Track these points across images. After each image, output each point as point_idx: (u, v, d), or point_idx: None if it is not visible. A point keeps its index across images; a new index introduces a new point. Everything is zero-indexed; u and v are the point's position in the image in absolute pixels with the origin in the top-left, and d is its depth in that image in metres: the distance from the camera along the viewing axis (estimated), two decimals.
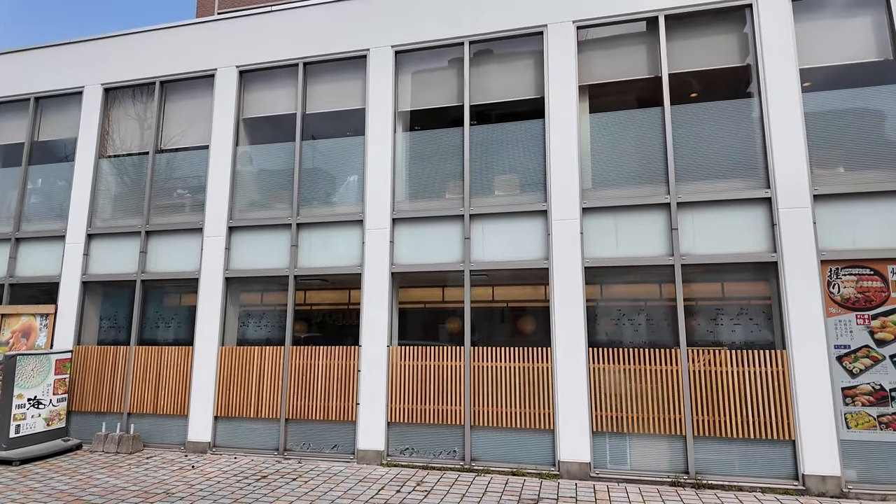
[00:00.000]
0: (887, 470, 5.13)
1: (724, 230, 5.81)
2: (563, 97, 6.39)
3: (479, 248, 6.48)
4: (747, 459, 5.45)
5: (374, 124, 6.93)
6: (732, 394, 5.53)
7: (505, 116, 6.86)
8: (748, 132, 5.94)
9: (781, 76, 5.82)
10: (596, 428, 5.82)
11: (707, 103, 6.19)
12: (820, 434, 5.23)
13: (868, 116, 5.70)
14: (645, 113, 6.30)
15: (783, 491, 5.22)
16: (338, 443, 6.55)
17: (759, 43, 5.93)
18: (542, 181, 6.40)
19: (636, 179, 6.20)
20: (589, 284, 6.14)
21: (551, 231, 6.21)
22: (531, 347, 6.12)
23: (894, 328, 5.28)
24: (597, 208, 6.20)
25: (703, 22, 6.26)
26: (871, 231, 5.44)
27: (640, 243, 6.05)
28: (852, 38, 5.85)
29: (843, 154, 5.69)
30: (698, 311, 5.87)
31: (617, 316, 6.12)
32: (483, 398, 6.15)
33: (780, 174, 5.67)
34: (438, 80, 7.09)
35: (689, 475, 5.49)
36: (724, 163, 5.97)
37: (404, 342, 6.64)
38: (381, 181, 6.79)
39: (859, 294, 5.39)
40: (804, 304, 5.43)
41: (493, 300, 6.76)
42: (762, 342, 5.63)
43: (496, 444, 6.10)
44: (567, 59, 6.42)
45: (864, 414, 5.22)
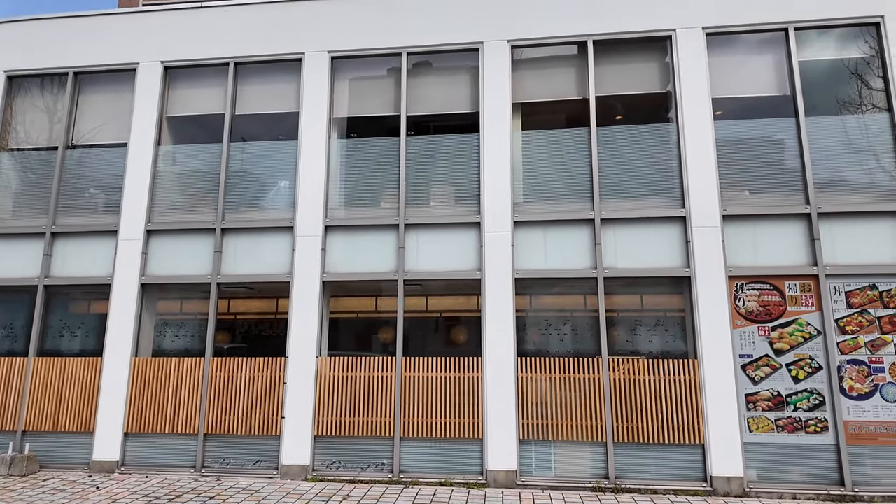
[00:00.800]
0: (782, 469, 5.59)
1: (644, 246, 6.16)
2: (497, 113, 6.55)
3: (413, 257, 6.48)
4: (662, 463, 5.76)
5: (308, 129, 6.79)
6: (649, 401, 5.84)
7: (442, 129, 6.93)
8: (666, 155, 6.35)
9: (696, 104, 6.27)
10: (523, 436, 5.94)
11: (630, 126, 6.56)
12: (726, 438, 5.62)
13: (769, 145, 6.26)
14: (573, 132, 6.58)
15: (693, 492, 5.55)
16: (261, 458, 6.28)
17: (678, 72, 6.37)
18: (477, 194, 6.52)
19: (564, 195, 6.45)
20: (519, 295, 6.29)
21: (484, 243, 6.32)
22: (462, 357, 6.17)
23: (790, 339, 5.79)
24: (527, 222, 6.39)
25: (628, 49, 6.65)
26: (771, 250, 5.96)
27: (567, 256, 6.28)
28: (758, 74, 6.42)
29: (749, 178, 6.21)
30: (619, 322, 6.16)
31: (544, 326, 6.30)
32: (413, 409, 6.12)
33: (693, 195, 6.09)
34: (376, 88, 7.07)
35: (609, 480, 5.72)
36: (644, 182, 6.34)
37: (334, 353, 6.49)
38: (314, 187, 6.65)
39: (761, 307, 5.87)
40: (713, 316, 5.84)
41: (426, 310, 6.77)
42: (676, 352, 5.99)
43: (425, 454, 6.08)
44: (502, 77, 6.61)
45: (763, 418, 5.67)
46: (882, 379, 5.59)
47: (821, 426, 5.57)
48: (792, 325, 5.78)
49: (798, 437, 5.59)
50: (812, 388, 5.65)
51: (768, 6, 6.32)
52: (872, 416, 5.53)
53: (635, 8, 6.54)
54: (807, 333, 5.75)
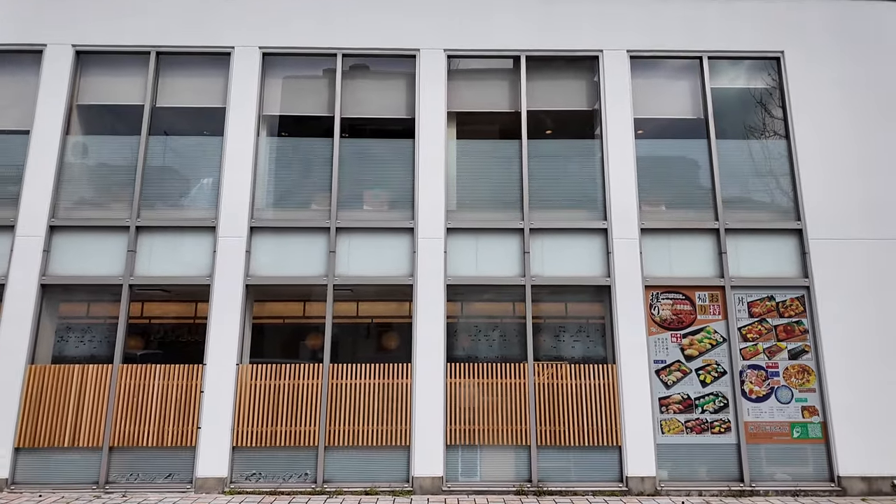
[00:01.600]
0: (690, 468, 5.95)
1: (569, 255, 6.40)
2: (432, 121, 6.59)
3: (344, 262, 6.37)
4: (582, 465, 5.97)
5: (236, 125, 6.52)
6: (571, 405, 6.05)
7: (377, 133, 6.89)
8: (592, 169, 6.65)
9: (620, 123, 6.61)
10: (450, 442, 5.96)
11: (559, 140, 6.82)
12: (641, 440, 5.92)
13: (684, 164, 6.71)
14: (506, 144, 6.75)
15: (610, 493, 5.80)
16: (173, 471, 5.90)
17: (604, 91, 6.70)
18: (410, 199, 6.51)
19: (496, 205, 6.58)
20: (450, 301, 6.33)
21: (417, 249, 6.32)
22: (392, 364, 6.12)
23: (699, 345, 6.20)
24: (460, 229, 6.45)
25: (559, 66, 6.91)
26: (684, 262, 6.37)
27: (498, 264, 6.41)
28: (675, 97, 6.87)
29: (665, 195, 6.61)
30: (545, 329, 6.35)
31: (474, 332, 6.38)
32: (340, 417, 5.99)
33: (615, 208, 6.41)
34: (311, 88, 6.91)
35: (532, 483, 5.85)
36: (570, 195, 6.60)
37: (257, 360, 6.23)
38: (239, 186, 6.38)
39: (674, 316, 6.25)
40: (631, 324, 6.15)
41: (357, 316, 6.67)
42: (596, 357, 6.25)
43: (351, 463, 5.96)
44: (437, 85, 6.66)
45: (674, 420, 6.03)
46: (777, 382, 6.10)
47: (724, 427, 5.99)
48: (701, 333, 6.20)
49: (705, 437, 5.99)
50: (718, 392, 6.07)
51: (685, 35, 6.79)
52: (768, 416, 6.02)
53: (566, 27, 6.81)
54: (714, 340, 6.18)
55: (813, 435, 5.98)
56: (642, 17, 6.86)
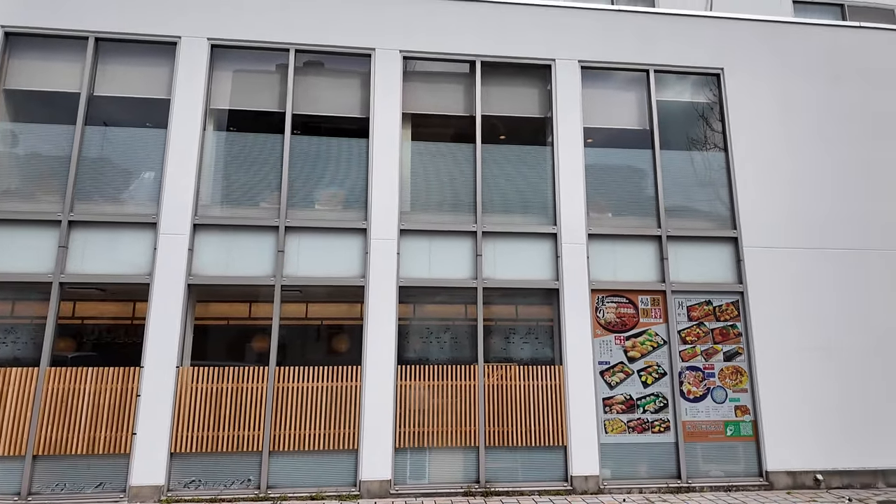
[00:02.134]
0: (632, 466, 6.16)
1: (520, 259, 6.50)
2: (387, 121, 6.56)
3: (293, 262, 6.22)
4: (529, 465, 6.07)
5: (181, 118, 6.26)
6: (519, 406, 6.14)
7: (331, 131, 6.77)
8: (543, 175, 6.78)
9: (571, 131, 6.78)
10: (399, 445, 5.93)
11: (513, 146, 6.92)
12: (585, 439, 6.07)
13: (630, 173, 6.95)
14: (460, 147, 6.79)
15: (555, 492, 5.92)
16: (105, 480, 5.59)
17: (556, 100, 6.85)
18: (364, 200, 6.45)
19: (449, 207, 6.61)
20: (402, 303, 6.30)
21: (370, 250, 6.26)
22: (341, 366, 6.03)
23: (641, 348, 6.43)
24: (413, 231, 6.44)
25: (513, 73, 7.02)
26: (627, 267, 6.60)
27: (450, 266, 6.43)
28: (624, 108, 7.11)
29: (612, 202, 6.83)
30: (495, 331, 6.42)
31: (426, 334, 6.38)
32: (286, 421, 5.84)
33: (564, 214, 6.56)
34: (262, 83, 6.73)
35: (479, 484, 5.90)
36: (522, 200, 6.71)
37: (199, 363, 6.00)
38: (183, 181, 6.13)
39: (618, 319, 6.46)
40: (577, 326, 6.31)
41: (306, 317, 6.53)
42: (544, 359, 6.37)
43: (297, 468, 5.82)
44: (393, 86, 6.63)
45: (617, 420, 6.22)
46: (713, 383, 6.40)
47: (664, 426, 6.24)
48: (643, 335, 6.43)
49: (645, 436, 6.21)
50: (658, 392, 6.31)
51: (634, 48, 7.05)
52: (705, 416, 6.31)
53: (521, 35, 6.93)
54: (655, 343, 6.43)
55: (744, 433, 6.31)
56: (594, 28, 7.07)
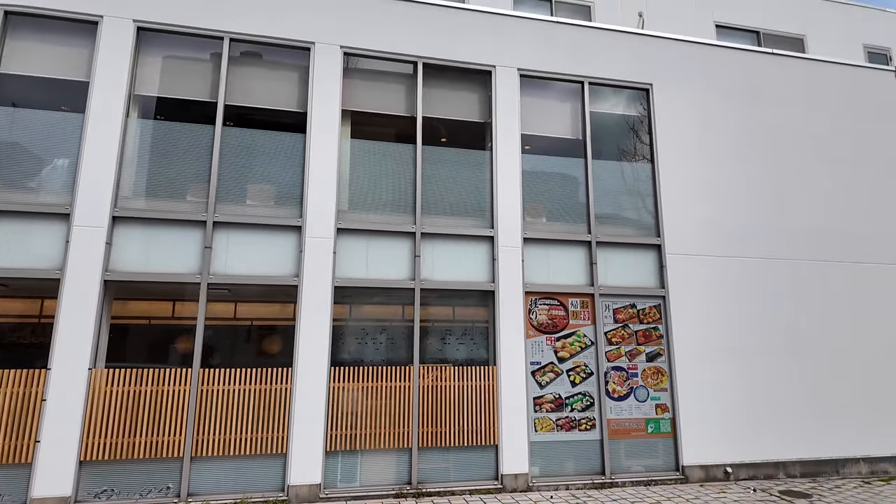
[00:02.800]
0: (559, 464, 6.37)
1: (457, 261, 6.57)
2: (325, 117, 6.43)
3: (221, 259, 5.97)
4: (462, 465, 6.13)
5: (101, 103, 5.86)
6: (453, 406, 6.19)
7: (267, 124, 6.56)
8: (482, 179, 6.89)
9: (509, 137, 6.94)
10: (330, 447, 5.82)
11: (453, 149, 6.99)
12: (516, 438, 6.21)
13: (564, 180, 7.20)
14: (401, 147, 6.78)
15: (486, 491, 6.01)
16: (2, 493, 5.12)
17: (496, 106, 6.99)
18: (300, 197, 6.29)
19: (389, 207, 6.58)
20: (338, 304, 6.19)
21: (304, 248, 6.11)
22: (271, 368, 5.84)
23: (570, 348, 6.66)
24: (351, 230, 6.36)
25: (455, 77, 7.09)
26: (559, 270, 6.82)
27: (388, 267, 6.40)
28: (559, 117, 7.36)
29: (546, 207, 7.04)
30: (431, 332, 6.45)
31: (361, 335, 6.30)
32: (210, 425, 5.59)
33: (501, 218, 6.70)
34: (194, 70, 6.42)
35: (412, 486, 5.89)
36: (461, 202, 6.79)
37: (116, 364, 5.62)
38: (101, 170, 5.73)
39: (549, 320, 6.67)
40: (511, 327, 6.45)
41: (234, 317, 6.29)
42: (479, 359, 6.47)
43: (222, 474, 5.58)
44: (332, 82, 6.52)
45: (547, 419, 6.41)
46: (636, 383, 6.74)
47: (590, 424, 6.49)
48: (572, 337, 6.67)
49: (573, 434, 6.44)
50: (585, 391, 6.57)
51: (571, 60, 7.31)
52: (628, 414, 6.63)
53: (463, 40, 7.02)
54: (583, 343, 6.69)
55: (664, 430, 6.68)
56: (533, 38, 7.27)
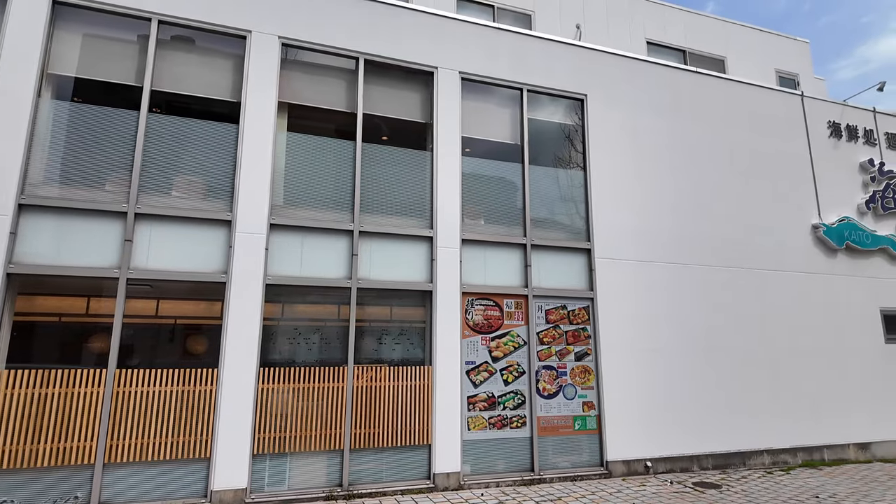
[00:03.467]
0: (490, 461, 6.49)
1: (396, 260, 6.55)
2: (261, 109, 6.22)
3: (143, 253, 5.63)
4: (395, 466, 6.11)
5: (8, 80, 5.36)
6: (388, 407, 6.16)
7: (198, 113, 6.25)
8: (422, 179, 6.91)
9: (449, 139, 6.99)
10: (258, 450, 5.63)
11: (394, 148, 6.96)
12: (449, 437, 6.27)
13: (502, 184, 7.35)
14: (340, 143, 6.67)
15: (418, 491, 6.02)
16: None
17: (437, 107, 7.02)
18: (230, 189, 6.05)
19: (326, 204, 6.45)
20: (269, 302, 6.00)
21: (234, 244, 5.88)
22: (195, 369, 5.57)
23: (504, 348, 6.81)
24: (285, 226, 6.18)
25: (397, 76, 7.07)
26: (495, 272, 6.96)
27: (324, 265, 6.27)
28: (499, 122, 7.50)
29: (484, 210, 7.16)
30: (367, 332, 6.39)
31: (294, 335, 6.14)
32: (126, 429, 5.25)
33: (441, 219, 6.75)
34: (118, 52, 6.01)
35: (342, 488, 5.81)
36: (401, 202, 6.77)
37: (19, 365, 5.16)
38: (7, 155, 5.25)
39: (485, 320, 6.78)
40: (448, 327, 6.51)
41: (156, 315, 5.94)
42: (415, 359, 6.47)
43: (138, 481, 5.26)
44: (269, 73, 6.32)
45: (479, 417, 6.52)
46: (565, 381, 6.98)
47: (521, 422, 6.67)
48: (506, 336, 6.83)
49: (504, 432, 6.58)
50: (517, 390, 6.73)
51: (510, 66, 7.48)
52: (556, 411, 6.86)
53: (407, 39, 7.01)
54: (516, 343, 6.85)
55: (590, 426, 6.96)
56: (475, 42, 7.38)
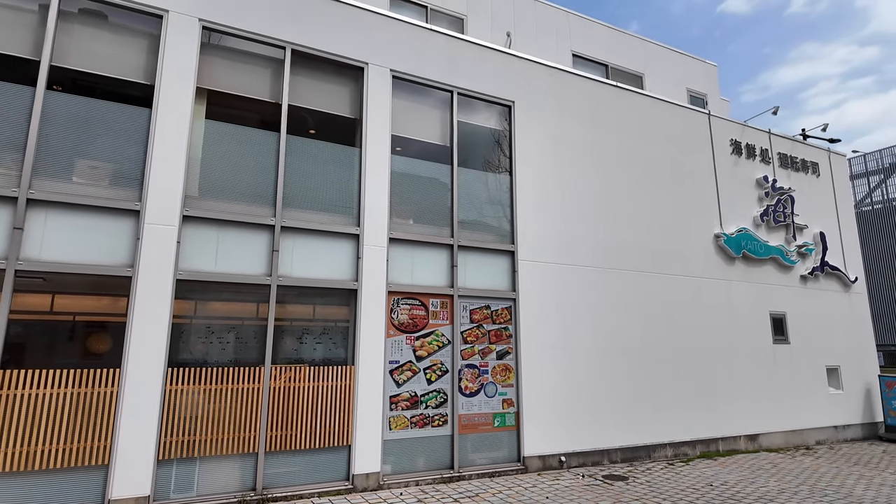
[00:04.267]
0: (411, 461, 6.51)
1: (320, 258, 6.41)
2: (177, 93, 5.87)
3: (35, 243, 5.14)
4: (312, 468, 5.97)
5: None
6: (307, 407, 6.01)
7: (106, 94, 5.79)
8: (350, 176, 6.81)
9: (379, 136, 6.94)
10: (164, 455, 5.30)
11: (321, 142, 6.80)
12: (370, 438, 6.22)
13: (431, 184, 7.40)
14: (263, 134, 6.43)
15: (336, 492, 5.92)
16: None
17: (367, 103, 6.95)
18: (140, 177, 5.66)
19: (246, 196, 6.19)
20: (180, 299, 5.67)
21: (142, 235, 5.51)
22: (95, 370, 5.15)
23: (429, 347, 6.85)
24: (200, 218, 5.87)
25: (326, 69, 6.92)
26: (422, 271, 6.99)
27: (242, 261, 6.02)
28: (429, 123, 7.54)
29: (412, 209, 7.17)
30: (288, 331, 6.20)
31: (207, 334, 5.84)
32: (10, 436, 4.76)
33: (368, 216, 6.68)
34: (13, 21, 5.45)
35: (256, 492, 5.59)
36: (327, 197, 6.63)
37: None
38: None
39: (410, 320, 6.79)
40: (372, 326, 6.45)
41: (51, 311, 5.44)
42: (337, 359, 6.36)
43: (23, 491, 4.79)
44: (188, 56, 5.98)
45: (401, 417, 6.52)
46: (486, 379, 7.14)
47: (442, 420, 6.73)
48: (431, 336, 6.87)
49: (425, 430, 6.62)
50: (440, 389, 6.80)
51: (441, 68, 7.54)
52: (477, 409, 6.99)
53: (337, 32, 6.88)
54: (441, 342, 6.92)
55: (509, 423, 7.16)
56: (407, 41, 7.37)
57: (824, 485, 6.87)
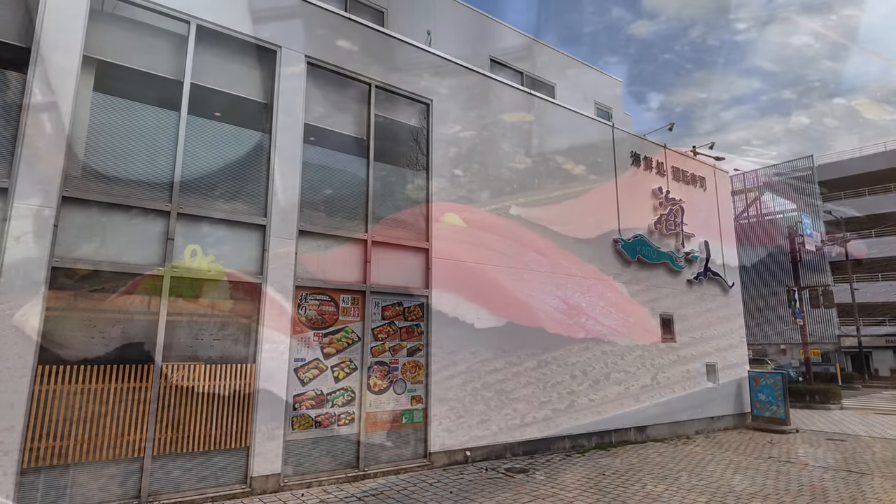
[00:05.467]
0: (314, 461, 6.31)
1: (221, 248, 6.02)
2: (59, 61, 5.26)
3: None
4: (205, 471, 5.60)
5: None
6: (201, 408, 5.63)
7: None
8: (257, 163, 6.47)
9: (291, 124, 6.65)
10: (30, 463, 4.73)
11: (226, 125, 6.41)
12: (270, 439, 5.95)
13: (346, 177, 7.23)
14: (161, 113, 5.94)
15: (232, 496, 5.60)
16: None
17: (278, 88, 6.64)
18: (10, 154, 5.01)
19: (138, 179, 5.68)
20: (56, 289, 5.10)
21: (10, 217, 4.90)
22: None
23: (338, 344, 6.69)
24: (82, 200, 5.30)
25: (235, 49, 6.52)
26: (333, 266, 6.81)
27: (131, 249, 5.52)
28: (346, 115, 7.36)
29: (325, 201, 6.96)
30: (182, 326, 5.76)
31: (87, 328, 5.27)
32: None
33: (276, 207, 6.39)
34: None
35: (140, 499, 5.15)
36: (231, 184, 6.26)
37: None
38: None
39: (319, 316, 6.59)
40: (277, 323, 6.18)
41: None
42: (237, 357, 6.01)
43: None
44: (73, 20, 5.37)
45: (306, 416, 6.30)
46: (396, 376, 7.10)
47: (349, 419, 6.60)
48: (340, 333, 6.72)
49: (331, 430, 6.45)
50: (347, 387, 6.66)
51: (360, 60, 7.39)
52: (385, 406, 6.94)
53: (247, 11, 6.51)
54: (350, 339, 6.78)
55: (417, 420, 7.17)
56: (325, 28, 7.16)
57: (700, 469, 7.57)
